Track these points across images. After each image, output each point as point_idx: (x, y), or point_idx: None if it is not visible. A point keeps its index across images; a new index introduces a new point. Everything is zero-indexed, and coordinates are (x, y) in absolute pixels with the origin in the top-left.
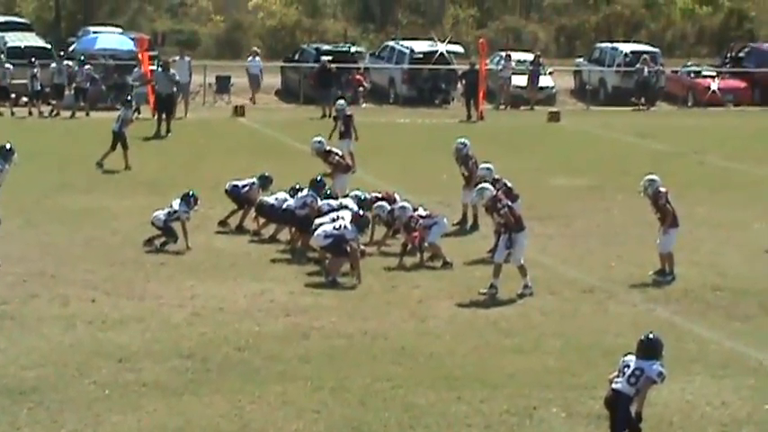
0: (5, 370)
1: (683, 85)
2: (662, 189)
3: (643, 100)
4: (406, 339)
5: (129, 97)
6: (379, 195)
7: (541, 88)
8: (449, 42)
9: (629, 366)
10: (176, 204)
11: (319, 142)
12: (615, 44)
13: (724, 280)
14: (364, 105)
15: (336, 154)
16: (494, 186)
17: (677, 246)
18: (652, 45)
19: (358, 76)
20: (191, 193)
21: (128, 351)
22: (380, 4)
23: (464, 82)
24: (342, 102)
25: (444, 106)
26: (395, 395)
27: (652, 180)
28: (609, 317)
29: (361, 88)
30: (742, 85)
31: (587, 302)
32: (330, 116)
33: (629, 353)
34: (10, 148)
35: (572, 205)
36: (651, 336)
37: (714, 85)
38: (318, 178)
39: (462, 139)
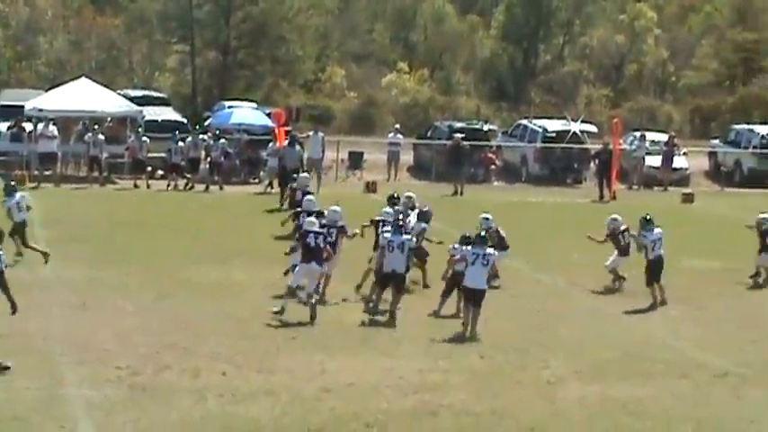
0: None
1: None
2: None
3: None
4: (534, 420)
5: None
6: None
7: (675, 169)
8: (582, 121)
9: None
10: None
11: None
12: (751, 126)
13: None
14: (496, 183)
15: None
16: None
17: None
18: None
19: (490, 154)
20: None
21: (257, 425)
22: (514, 83)
23: (597, 161)
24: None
25: (576, 186)
26: None
27: None
28: (743, 403)
29: (492, 166)
30: None
31: (721, 387)
32: (461, 193)
33: None
34: (14, 185)
35: (705, 288)
36: None
37: None
38: None
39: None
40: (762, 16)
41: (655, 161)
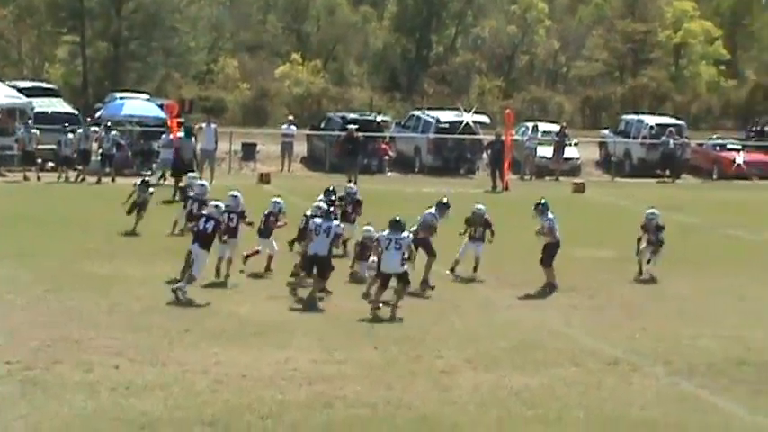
0: None
1: (708, 158)
2: None
3: (668, 172)
4: (429, 409)
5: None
6: None
7: (567, 159)
8: (474, 112)
9: None
10: None
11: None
12: (641, 116)
13: (749, 354)
14: (389, 174)
15: None
16: None
17: (700, 319)
18: (677, 118)
19: (383, 145)
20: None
21: (150, 418)
22: (407, 74)
23: (489, 152)
24: (353, 186)
25: (469, 176)
26: None
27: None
28: (633, 389)
29: (386, 157)
30: (767, 158)
31: (611, 374)
32: (355, 184)
33: None
34: None
35: (596, 277)
36: None
37: (739, 159)
38: None
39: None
40: (650, 7)
41: (546, 151)
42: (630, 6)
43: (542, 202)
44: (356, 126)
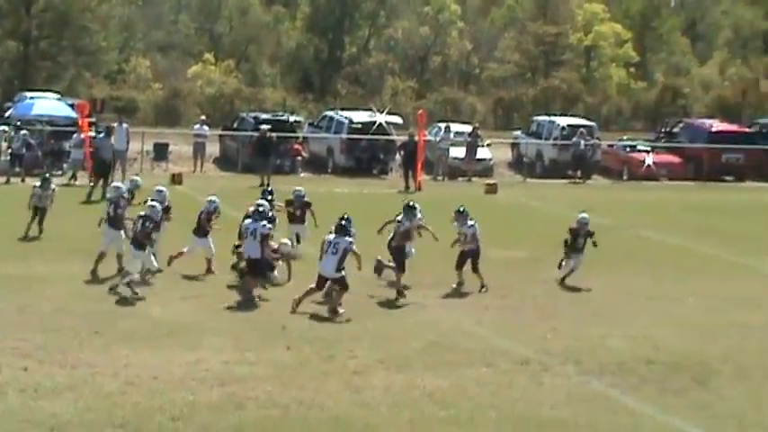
0: None
1: (618, 158)
2: None
3: (579, 173)
4: (341, 410)
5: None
6: None
7: (479, 160)
8: (387, 113)
9: None
10: None
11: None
12: (552, 117)
13: (658, 353)
14: (302, 175)
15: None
16: None
17: (610, 319)
18: (588, 119)
19: (296, 146)
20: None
21: (60, 420)
22: (320, 74)
23: (402, 152)
24: (301, 189)
25: (382, 176)
26: None
27: None
28: (544, 389)
29: (299, 157)
30: (676, 159)
31: (523, 374)
32: (268, 184)
33: None
34: None
35: (508, 277)
36: None
37: (649, 160)
38: None
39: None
40: (561, 10)
41: (459, 152)
42: (542, 9)
43: (461, 209)
44: (269, 126)
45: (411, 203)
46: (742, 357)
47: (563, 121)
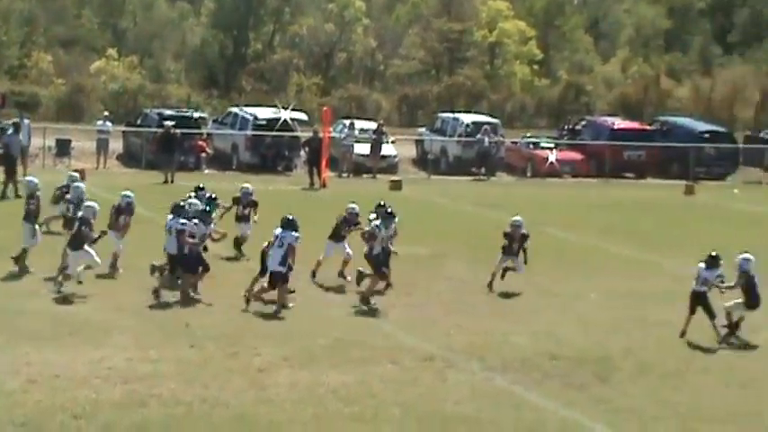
0: None
1: (522, 155)
2: None
3: (483, 170)
4: (245, 407)
5: None
6: None
7: (384, 157)
8: (292, 110)
9: None
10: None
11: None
12: (456, 114)
13: (561, 349)
14: (207, 171)
15: None
16: None
17: (514, 315)
18: (492, 116)
19: (201, 142)
20: None
21: None
22: (225, 71)
23: (307, 149)
24: (248, 186)
25: (287, 173)
26: None
27: None
28: (448, 385)
29: (203, 154)
30: (579, 156)
31: (427, 371)
32: (172, 181)
33: None
34: None
35: (414, 273)
36: None
37: (552, 157)
38: None
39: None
40: (466, 7)
41: (364, 149)
42: (446, 6)
43: (389, 210)
44: (173, 123)
45: (390, 210)
46: (643, 353)
47: (467, 118)
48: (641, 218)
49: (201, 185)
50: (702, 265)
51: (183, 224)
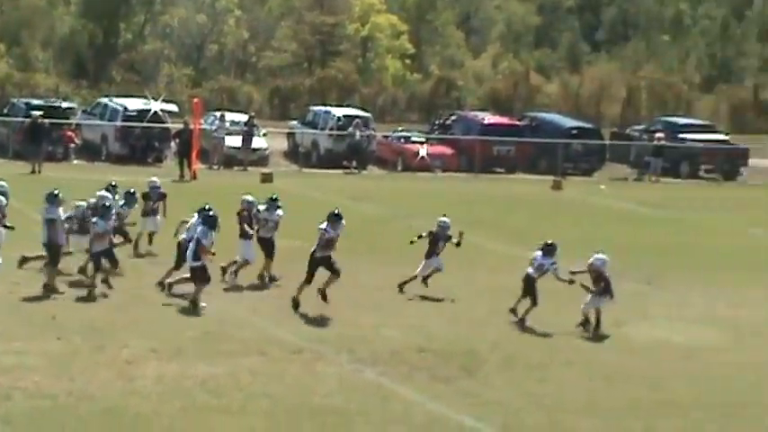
0: None
1: (393, 149)
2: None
3: (354, 163)
4: (112, 400)
5: None
6: None
7: (255, 149)
8: (162, 101)
9: None
10: None
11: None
12: (328, 108)
13: (429, 342)
14: (75, 162)
15: None
16: None
17: (384, 308)
18: (364, 110)
19: (69, 133)
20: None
21: None
22: (94, 61)
23: (177, 141)
24: (156, 179)
25: (157, 164)
26: None
27: None
28: (317, 377)
29: (72, 144)
30: (449, 151)
31: (296, 363)
32: (39, 171)
33: None
34: None
35: (285, 267)
36: None
37: (423, 151)
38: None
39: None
40: (339, 0)
41: (235, 141)
42: None
43: (274, 196)
44: (41, 112)
45: (337, 212)
46: (509, 346)
47: (339, 111)
48: (510, 212)
49: (114, 182)
50: (539, 252)
51: (52, 213)
